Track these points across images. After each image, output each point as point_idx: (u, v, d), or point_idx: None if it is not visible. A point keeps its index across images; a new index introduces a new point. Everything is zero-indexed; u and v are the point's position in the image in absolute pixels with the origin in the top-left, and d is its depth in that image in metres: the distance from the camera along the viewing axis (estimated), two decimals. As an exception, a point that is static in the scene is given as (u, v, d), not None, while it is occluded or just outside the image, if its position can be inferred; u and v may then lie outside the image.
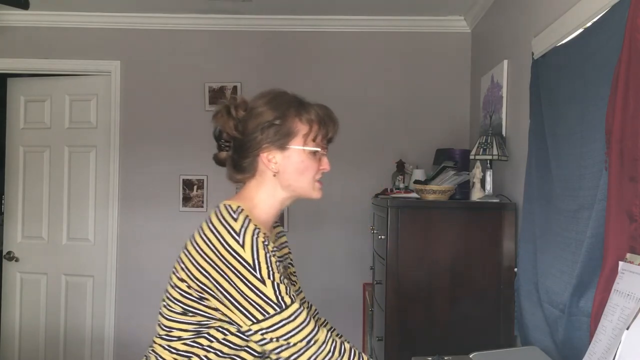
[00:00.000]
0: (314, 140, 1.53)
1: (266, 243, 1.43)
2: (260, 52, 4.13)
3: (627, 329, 1.33)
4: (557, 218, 2.17)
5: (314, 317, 1.69)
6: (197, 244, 1.47)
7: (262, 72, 4.11)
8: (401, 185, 3.50)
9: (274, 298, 1.39)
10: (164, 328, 1.52)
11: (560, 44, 2.28)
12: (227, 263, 1.40)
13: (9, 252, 4.27)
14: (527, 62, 2.65)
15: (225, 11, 3.97)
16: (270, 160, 1.52)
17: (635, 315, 1.33)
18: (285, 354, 1.42)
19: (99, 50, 4.13)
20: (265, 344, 1.43)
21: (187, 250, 1.50)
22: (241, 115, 1.52)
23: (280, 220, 4.42)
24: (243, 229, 1.42)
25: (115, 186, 4.11)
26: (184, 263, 1.49)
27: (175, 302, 1.49)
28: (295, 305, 1.42)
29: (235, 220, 1.44)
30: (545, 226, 2.30)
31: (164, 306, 1.53)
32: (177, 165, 4.12)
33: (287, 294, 1.41)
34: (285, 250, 1.73)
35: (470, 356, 1.98)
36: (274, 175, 1.53)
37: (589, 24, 2.03)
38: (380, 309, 2.94)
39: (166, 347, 1.51)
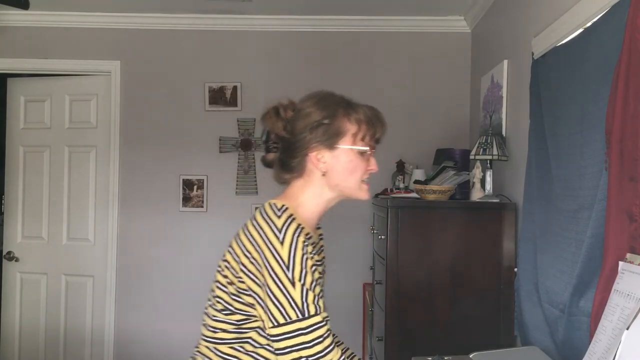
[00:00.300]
0: (362, 139, 1.53)
1: (306, 244, 1.41)
2: (260, 52, 4.13)
3: (627, 329, 1.33)
4: (557, 218, 2.17)
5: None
6: (240, 241, 1.48)
7: (262, 72, 4.12)
8: (401, 185, 3.50)
9: (299, 303, 1.37)
10: (209, 328, 1.52)
11: (560, 44, 2.28)
12: (264, 258, 1.40)
13: (9, 252, 4.27)
14: (527, 62, 2.65)
15: (225, 11, 3.97)
16: (319, 159, 1.52)
17: (635, 315, 1.33)
18: None
19: (99, 50, 4.13)
20: (282, 354, 1.39)
21: (232, 248, 1.50)
22: (290, 115, 1.54)
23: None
24: (285, 226, 1.41)
25: (115, 186, 4.11)
26: (227, 261, 1.50)
27: (218, 299, 1.50)
28: (317, 318, 1.39)
29: (279, 217, 1.43)
30: (545, 226, 2.30)
31: (210, 306, 1.54)
32: (177, 165, 4.12)
33: (313, 302, 1.38)
34: (323, 255, 1.70)
35: (470, 356, 1.98)
36: (323, 175, 1.53)
37: (589, 24, 2.03)
38: (380, 309, 2.94)
39: (212, 349, 1.51)
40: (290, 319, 1.37)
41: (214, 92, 4.12)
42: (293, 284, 1.37)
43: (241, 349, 1.48)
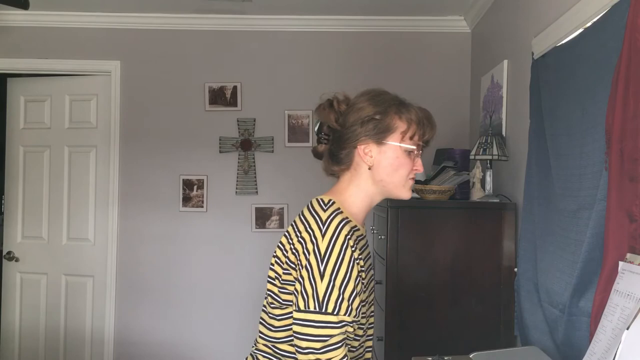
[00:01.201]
0: (411, 138, 1.55)
1: (349, 237, 1.43)
2: (260, 52, 4.13)
3: (627, 329, 1.33)
4: (557, 218, 2.17)
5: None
6: (289, 235, 1.52)
7: (262, 72, 4.12)
8: (401, 185, 3.50)
9: (321, 297, 1.39)
10: (266, 325, 1.55)
11: (560, 44, 2.28)
12: (305, 247, 1.44)
13: (9, 252, 4.27)
14: (527, 62, 2.65)
15: (225, 11, 3.97)
16: (367, 153, 1.54)
17: (635, 315, 1.33)
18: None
19: (99, 50, 4.13)
20: (295, 338, 1.43)
21: (281, 243, 1.54)
22: (343, 108, 1.57)
23: (280, 219, 4.37)
24: (330, 219, 1.45)
25: (115, 186, 4.11)
26: (277, 256, 1.53)
27: (269, 293, 1.53)
28: (332, 317, 1.40)
29: (325, 211, 1.48)
30: (545, 226, 2.30)
31: (267, 303, 1.56)
32: (177, 165, 4.12)
33: (336, 300, 1.39)
34: (368, 251, 1.71)
35: (470, 356, 1.98)
36: (369, 169, 1.55)
37: (589, 24, 2.03)
38: (380, 309, 2.94)
39: (271, 347, 1.53)
40: (308, 308, 1.40)
41: (214, 92, 4.12)
42: (322, 276, 1.40)
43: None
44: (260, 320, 1.58)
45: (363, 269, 1.50)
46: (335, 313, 1.40)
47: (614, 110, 1.68)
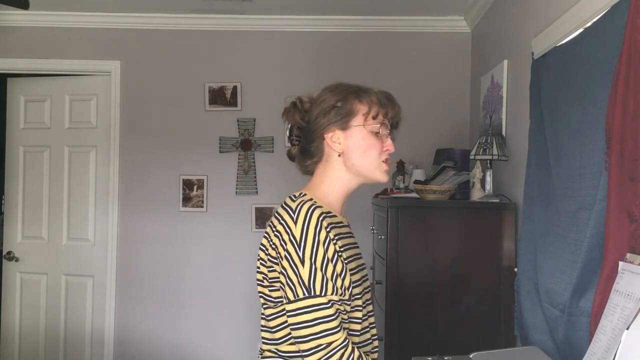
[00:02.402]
0: (374, 118, 1.57)
1: (321, 219, 1.45)
2: (260, 52, 4.13)
3: (627, 329, 1.33)
4: (557, 218, 2.17)
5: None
6: (267, 233, 1.54)
7: (262, 72, 4.12)
8: (401, 185, 3.50)
9: (306, 281, 1.41)
10: (265, 329, 1.56)
11: (560, 44, 2.28)
12: (281, 239, 1.46)
13: (9, 252, 4.27)
14: (527, 62, 2.65)
15: (225, 11, 3.97)
16: (335, 141, 1.57)
17: (635, 315, 1.33)
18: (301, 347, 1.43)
19: (99, 50, 4.13)
20: (293, 329, 1.43)
21: (262, 245, 1.56)
22: (307, 107, 1.62)
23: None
24: (299, 206, 1.47)
25: (115, 186, 4.11)
26: (261, 258, 1.55)
27: (260, 295, 1.55)
28: (321, 299, 1.41)
29: (294, 202, 1.50)
30: (545, 226, 2.30)
31: (261, 306, 1.57)
32: (177, 165, 4.13)
33: (321, 282, 1.41)
34: (353, 240, 1.70)
35: (470, 356, 1.98)
36: (339, 156, 1.58)
37: (589, 24, 2.03)
38: (380, 309, 2.94)
39: (274, 350, 1.54)
40: (298, 296, 1.42)
41: (214, 92, 4.12)
42: (302, 262, 1.42)
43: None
44: (261, 327, 1.58)
45: (341, 249, 1.50)
46: (322, 294, 1.41)
47: (614, 110, 1.68)
